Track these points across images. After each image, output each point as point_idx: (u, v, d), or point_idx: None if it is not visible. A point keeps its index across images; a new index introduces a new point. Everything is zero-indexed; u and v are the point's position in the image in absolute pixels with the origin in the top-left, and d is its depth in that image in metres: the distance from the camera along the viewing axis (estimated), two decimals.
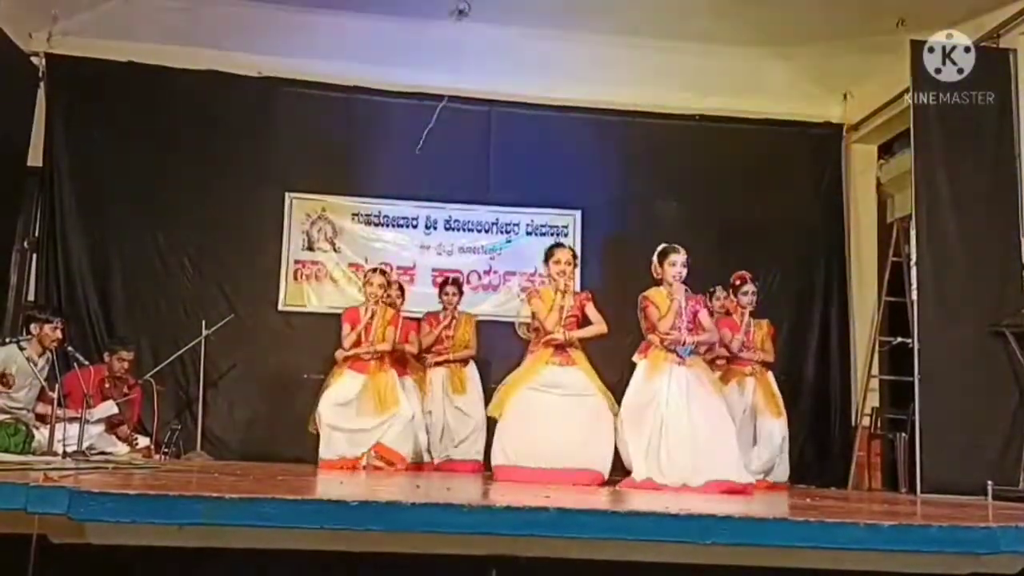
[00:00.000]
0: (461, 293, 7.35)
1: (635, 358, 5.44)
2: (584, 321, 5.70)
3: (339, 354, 6.48)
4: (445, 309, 7.25)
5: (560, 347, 5.54)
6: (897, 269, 7.96)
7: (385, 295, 6.69)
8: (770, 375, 6.64)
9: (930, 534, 2.87)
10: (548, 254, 5.77)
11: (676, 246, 5.49)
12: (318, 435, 6.26)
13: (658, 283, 5.50)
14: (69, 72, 7.78)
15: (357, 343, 6.43)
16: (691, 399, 5.18)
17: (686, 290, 5.45)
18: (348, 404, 6.29)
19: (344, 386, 6.35)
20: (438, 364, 7.08)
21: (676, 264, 5.41)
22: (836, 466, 7.95)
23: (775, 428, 6.39)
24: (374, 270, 6.80)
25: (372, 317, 6.48)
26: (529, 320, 5.96)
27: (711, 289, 6.83)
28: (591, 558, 2.90)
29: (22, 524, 2.63)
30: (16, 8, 7.25)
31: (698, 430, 5.11)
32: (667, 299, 5.39)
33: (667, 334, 5.31)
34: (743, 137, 8.47)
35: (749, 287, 6.65)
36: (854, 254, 8.54)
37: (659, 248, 5.54)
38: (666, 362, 5.30)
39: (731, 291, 6.72)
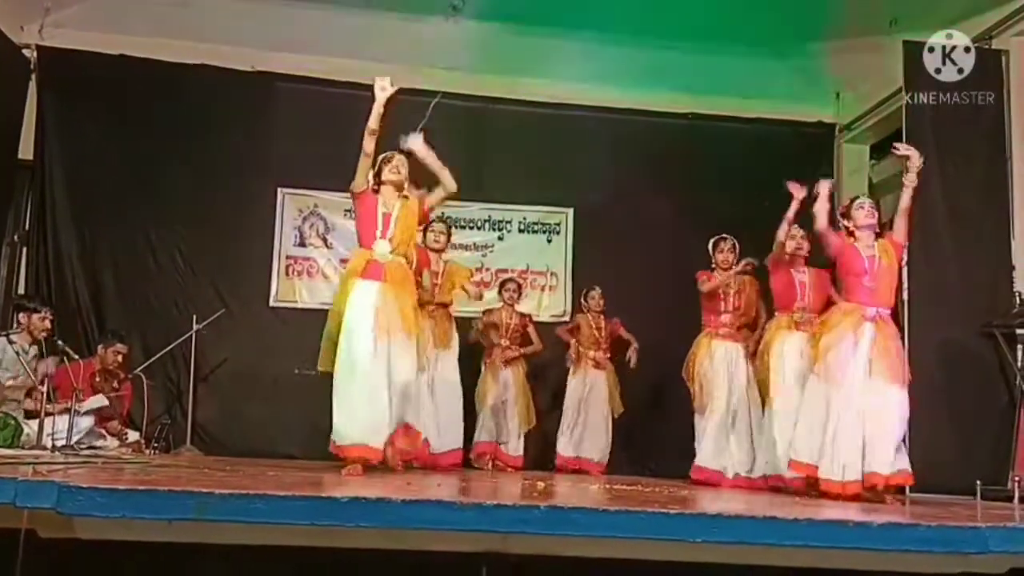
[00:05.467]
0: (449, 235, 6.71)
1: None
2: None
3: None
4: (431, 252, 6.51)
5: None
6: None
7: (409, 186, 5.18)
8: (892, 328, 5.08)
9: (919, 533, 2.89)
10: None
11: (595, 287, 7.53)
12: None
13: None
14: (61, 65, 7.73)
15: (370, 238, 4.93)
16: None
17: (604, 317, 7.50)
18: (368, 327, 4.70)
19: (358, 299, 4.75)
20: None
21: (595, 298, 7.48)
22: None
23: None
24: (397, 153, 5.14)
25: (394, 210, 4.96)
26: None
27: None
28: (581, 555, 2.90)
29: (10, 518, 2.62)
30: (7, 0, 7.21)
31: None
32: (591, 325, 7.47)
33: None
34: (736, 136, 8.48)
35: (866, 201, 5.24)
36: None
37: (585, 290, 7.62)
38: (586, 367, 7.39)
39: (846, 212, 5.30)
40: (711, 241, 6.57)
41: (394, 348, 4.74)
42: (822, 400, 4.95)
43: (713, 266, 6.51)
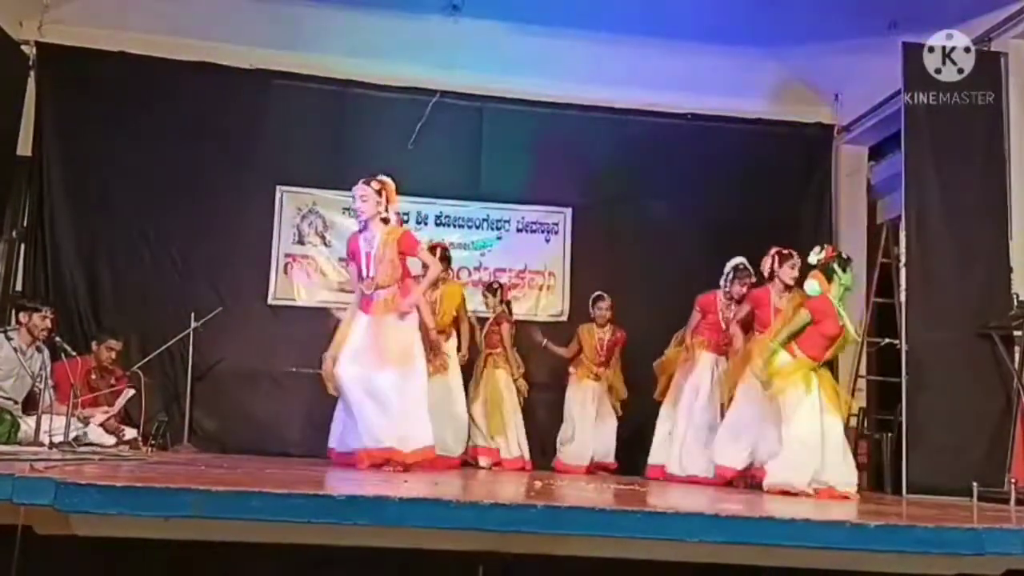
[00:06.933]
0: (448, 261, 6.83)
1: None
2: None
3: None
4: None
5: None
6: (886, 270, 7.97)
7: (386, 212, 5.34)
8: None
9: (915, 535, 2.89)
10: None
11: (604, 296, 7.42)
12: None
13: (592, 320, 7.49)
14: (59, 61, 7.72)
15: (359, 276, 5.41)
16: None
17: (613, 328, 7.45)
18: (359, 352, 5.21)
19: (352, 330, 5.30)
20: None
21: (602, 308, 7.40)
22: None
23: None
24: (368, 181, 5.31)
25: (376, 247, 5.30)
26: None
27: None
28: (578, 555, 2.90)
29: (7, 515, 2.61)
30: None
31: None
32: (592, 333, 7.45)
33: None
34: (734, 137, 8.48)
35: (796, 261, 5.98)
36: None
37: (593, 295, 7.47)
38: (587, 376, 7.45)
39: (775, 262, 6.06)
40: (731, 266, 6.61)
41: (383, 377, 5.11)
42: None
43: (727, 289, 6.58)
